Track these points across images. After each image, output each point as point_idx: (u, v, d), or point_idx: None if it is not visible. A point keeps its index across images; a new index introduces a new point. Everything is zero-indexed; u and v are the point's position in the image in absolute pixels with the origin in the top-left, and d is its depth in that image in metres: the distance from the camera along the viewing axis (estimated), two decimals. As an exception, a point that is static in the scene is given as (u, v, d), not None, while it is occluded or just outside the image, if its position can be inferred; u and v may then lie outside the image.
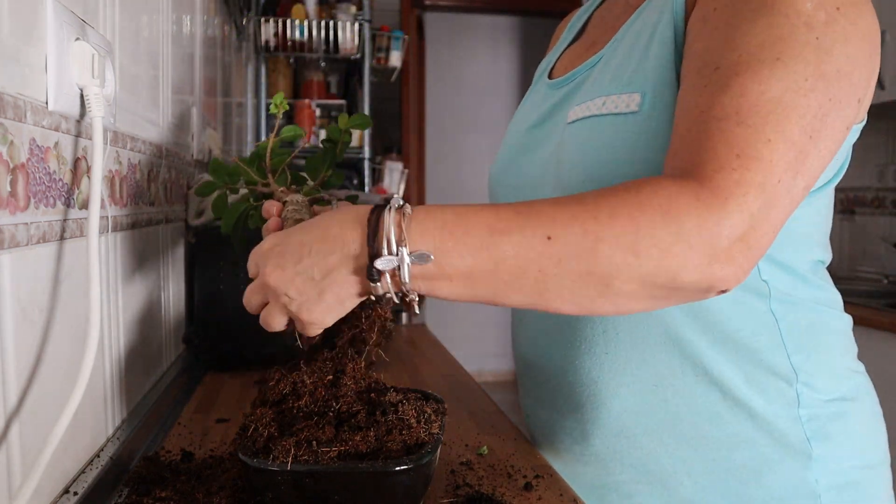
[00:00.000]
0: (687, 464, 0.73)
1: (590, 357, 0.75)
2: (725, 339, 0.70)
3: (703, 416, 0.72)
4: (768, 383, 0.71)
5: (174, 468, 0.73)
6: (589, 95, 0.73)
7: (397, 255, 0.51)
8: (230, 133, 2.16)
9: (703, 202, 0.51)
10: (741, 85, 0.55)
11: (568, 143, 0.73)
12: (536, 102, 0.86)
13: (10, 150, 0.51)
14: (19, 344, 0.54)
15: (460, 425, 0.91)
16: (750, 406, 0.71)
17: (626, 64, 0.70)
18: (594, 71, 0.76)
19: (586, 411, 0.76)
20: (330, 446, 0.60)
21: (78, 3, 0.65)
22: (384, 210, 0.53)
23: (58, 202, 0.61)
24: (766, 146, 0.53)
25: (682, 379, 0.72)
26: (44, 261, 0.59)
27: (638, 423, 0.74)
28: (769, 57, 0.56)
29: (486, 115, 4.73)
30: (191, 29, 1.34)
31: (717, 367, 0.71)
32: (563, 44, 0.92)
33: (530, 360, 0.84)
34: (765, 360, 0.71)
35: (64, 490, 0.63)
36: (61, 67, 0.60)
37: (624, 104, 0.67)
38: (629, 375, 0.73)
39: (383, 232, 0.51)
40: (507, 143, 0.87)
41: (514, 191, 0.82)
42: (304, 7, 3.02)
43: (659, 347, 0.72)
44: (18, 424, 0.54)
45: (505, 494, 0.70)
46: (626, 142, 0.66)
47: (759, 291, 0.70)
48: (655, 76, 0.66)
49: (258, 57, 3.06)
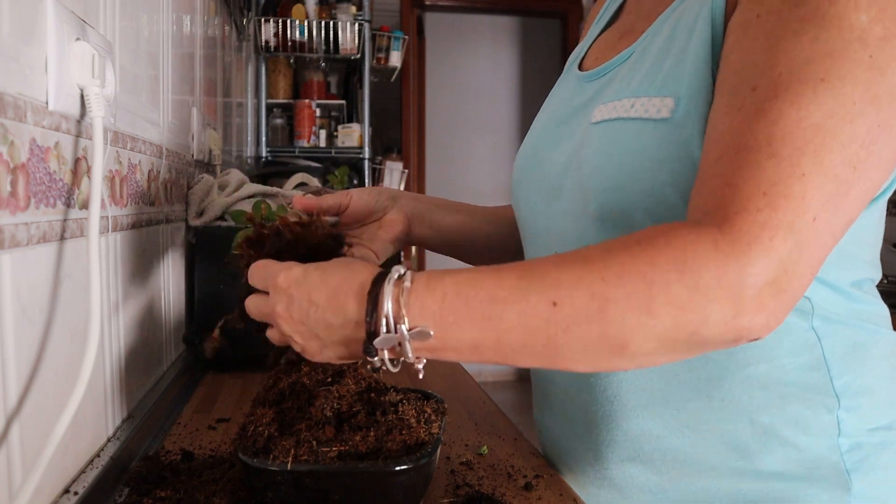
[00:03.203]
0: (710, 495, 0.66)
1: (606, 374, 0.68)
2: (758, 359, 0.63)
3: (728, 443, 0.65)
4: (805, 408, 0.64)
5: (174, 468, 0.73)
6: (617, 94, 0.66)
7: (396, 332, 0.50)
8: (230, 133, 2.16)
9: (721, 251, 0.47)
10: (778, 110, 0.50)
11: (590, 145, 0.67)
12: (565, 96, 0.79)
13: (11, 150, 0.51)
14: (19, 344, 0.54)
15: (460, 425, 0.91)
16: (782, 434, 0.64)
17: (661, 62, 0.63)
18: (625, 66, 0.68)
19: (601, 432, 0.70)
20: (330, 446, 0.60)
21: (78, 3, 0.65)
22: (384, 281, 0.51)
23: (58, 202, 0.61)
24: (798, 181, 0.48)
25: (706, 402, 0.65)
26: (44, 261, 0.59)
27: (656, 448, 0.67)
28: (813, 77, 0.50)
29: (486, 114, 4.73)
30: (191, 29, 1.34)
31: (748, 389, 0.63)
32: (597, 28, 0.83)
33: (543, 371, 0.79)
34: (802, 383, 0.64)
35: (64, 490, 0.63)
36: (61, 67, 0.60)
37: (655, 108, 0.60)
38: (648, 396, 0.66)
39: (381, 310, 0.50)
40: (533, 137, 0.81)
41: (536, 189, 0.77)
42: (304, 7, 3.02)
43: (682, 367, 0.65)
44: (19, 424, 0.54)
45: (505, 494, 0.70)
46: (652, 150, 0.60)
47: (799, 308, 0.63)
48: (692, 80, 0.59)
49: (258, 57, 3.06)
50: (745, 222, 0.48)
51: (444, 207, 0.89)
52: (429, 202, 0.89)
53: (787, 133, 0.49)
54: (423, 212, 0.87)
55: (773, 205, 0.48)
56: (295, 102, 3.18)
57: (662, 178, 0.59)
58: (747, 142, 0.50)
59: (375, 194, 0.85)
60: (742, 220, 0.48)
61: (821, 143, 0.48)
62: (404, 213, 0.85)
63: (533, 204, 0.77)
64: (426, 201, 0.89)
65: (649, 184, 0.60)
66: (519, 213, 0.81)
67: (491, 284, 0.50)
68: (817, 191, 0.48)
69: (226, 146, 1.96)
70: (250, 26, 2.78)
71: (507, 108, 4.77)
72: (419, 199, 0.89)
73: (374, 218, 0.85)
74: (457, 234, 0.89)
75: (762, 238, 0.47)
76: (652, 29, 0.67)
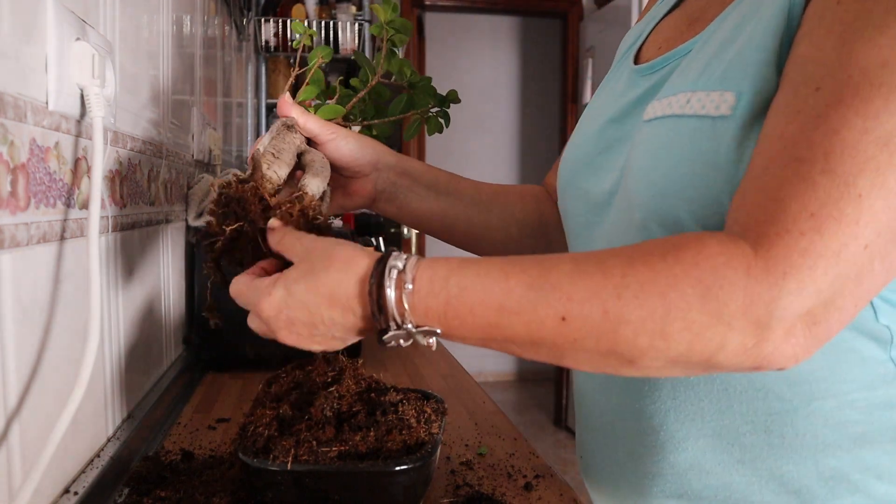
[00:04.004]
0: None
1: (653, 401, 0.61)
2: (826, 394, 0.56)
3: (788, 486, 0.58)
4: (881, 451, 0.56)
5: (174, 468, 0.73)
6: (673, 89, 0.58)
7: (404, 328, 0.49)
8: (230, 133, 2.16)
9: (753, 277, 0.43)
10: (842, 117, 0.44)
11: (640, 146, 0.59)
12: (617, 90, 0.70)
13: (11, 150, 0.51)
14: (19, 344, 0.54)
15: (460, 425, 0.91)
16: (852, 479, 0.56)
17: (724, 53, 0.55)
18: (688, 57, 0.60)
19: (645, 463, 0.63)
20: (330, 446, 0.60)
21: (78, 3, 0.65)
22: (384, 281, 0.48)
23: (58, 202, 0.61)
24: (853, 203, 0.43)
25: (764, 437, 0.57)
26: (44, 261, 0.59)
27: (706, 485, 0.60)
28: (889, 81, 0.43)
29: (486, 115, 4.73)
30: (191, 29, 1.34)
31: (813, 427, 0.56)
32: (661, 10, 0.72)
33: (586, 390, 0.71)
34: (878, 422, 0.56)
35: (64, 490, 0.63)
36: (61, 67, 0.60)
37: (713, 104, 0.53)
38: (699, 427, 0.59)
39: (388, 313, 0.48)
40: (581, 138, 0.72)
41: (585, 200, 0.68)
42: (304, 7, 3.02)
43: (737, 397, 0.58)
44: (19, 424, 0.54)
45: (505, 494, 0.70)
46: (708, 153, 0.52)
47: (876, 337, 0.55)
48: (758, 73, 0.51)
49: (258, 57, 3.06)
50: (784, 246, 0.43)
51: (427, 188, 0.79)
52: (413, 179, 0.79)
53: (847, 146, 0.43)
54: (397, 190, 0.78)
55: (820, 228, 0.43)
56: (295, 102, 3.18)
57: (719, 186, 0.52)
58: (801, 152, 0.44)
59: (361, 151, 0.74)
60: (782, 243, 0.43)
61: (886, 160, 0.43)
62: (374, 186, 0.77)
63: (581, 217, 0.69)
64: (411, 177, 0.78)
65: (703, 191, 0.53)
66: (566, 225, 0.74)
67: (499, 292, 0.47)
68: (875, 215, 0.43)
69: (226, 146, 1.96)
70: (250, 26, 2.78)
71: (507, 108, 4.76)
72: (406, 172, 0.78)
73: (344, 174, 0.76)
74: (429, 220, 0.81)
75: (801, 267, 0.43)
76: (722, 15, 0.58)
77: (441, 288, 0.48)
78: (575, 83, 3.95)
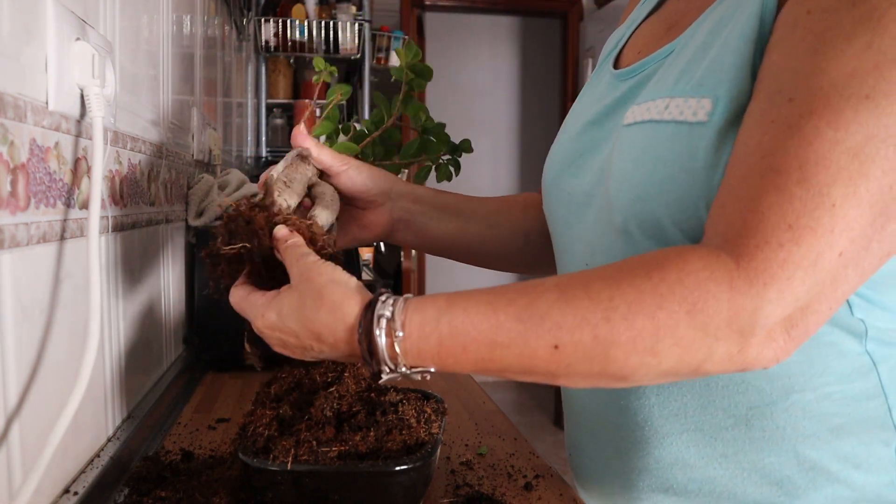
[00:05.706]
0: None
1: (637, 398, 0.63)
2: (804, 387, 0.57)
3: (769, 477, 0.59)
4: (859, 442, 0.58)
5: (174, 468, 0.73)
6: (652, 94, 0.59)
7: (399, 371, 0.51)
8: (230, 133, 2.16)
9: (736, 290, 0.45)
10: (814, 128, 0.45)
11: (620, 150, 0.60)
12: (598, 94, 0.71)
13: (11, 150, 0.51)
14: (19, 344, 0.54)
15: (460, 425, 0.91)
16: (831, 469, 0.58)
17: (700, 58, 0.56)
18: (666, 62, 0.61)
19: (631, 459, 0.65)
20: (330, 446, 0.60)
21: (78, 3, 0.65)
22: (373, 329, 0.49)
23: (58, 202, 0.61)
24: (828, 213, 0.44)
25: (745, 431, 0.59)
26: (44, 261, 0.59)
27: (691, 478, 0.62)
28: (857, 92, 0.44)
29: (486, 115, 4.73)
30: (191, 29, 1.34)
31: (792, 419, 0.58)
32: (641, 12, 0.74)
33: (572, 389, 0.73)
34: (855, 413, 0.58)
35: (64, 490, 0.63)
36: (61, 67, 0.60)
37: (691, 110, 0.54)
38: (682, 423, 0.61)
39: (379, 357, 0.49)
40: (563, 141, 0.73)
41: (567, 201, 0.70)
42: (304, 7, 3.02)
43: (718, 392, 0.59)
44: (19, 424, 0.54)
45: (505, 494, 0.70)
46: (686, 158, 0.54)
47: (852, 331, 0.57)
48: (733, 79, 0.52)
49: (258, 57, 3.06)
50: (764, 259, 0.45)
51: (441, 211, 0.81)
52: (427, 205, 0.80)
53: (820, 157, 0.45)
54: (414, 217, 0.79)
55: (798, 239, 0.44)
56: (295, 102, 3.18)
57: (697, 190, 0.53)
58: (777, 163, 0.46)
59: (373, 181, 0.75)
60: (762, 255, 0.45)
61: (858, 169, 0.44)
62: (391, 215, 0.78)
63: (562, 217, 0.71)
64: (425, 203, 0.80)
65: (681, 195, 0.54)
66: (550, 225, 0.75)
67: (488, 328, 0.48)
68: (849, 225, 0.45)
69: (226, 146, 1.96)
70: (250, 26, 2.78)
71: (506, 108, 4.76)
72: (419, 199, 0.80)
73: (357, 205, 0.76)
74: (448, 243, 0.83)
75: (781, 277, 0.45)
76: (699, 20, 0.60)
77: (432, 330, 0.49)
78: (575, 83, 3.95)
